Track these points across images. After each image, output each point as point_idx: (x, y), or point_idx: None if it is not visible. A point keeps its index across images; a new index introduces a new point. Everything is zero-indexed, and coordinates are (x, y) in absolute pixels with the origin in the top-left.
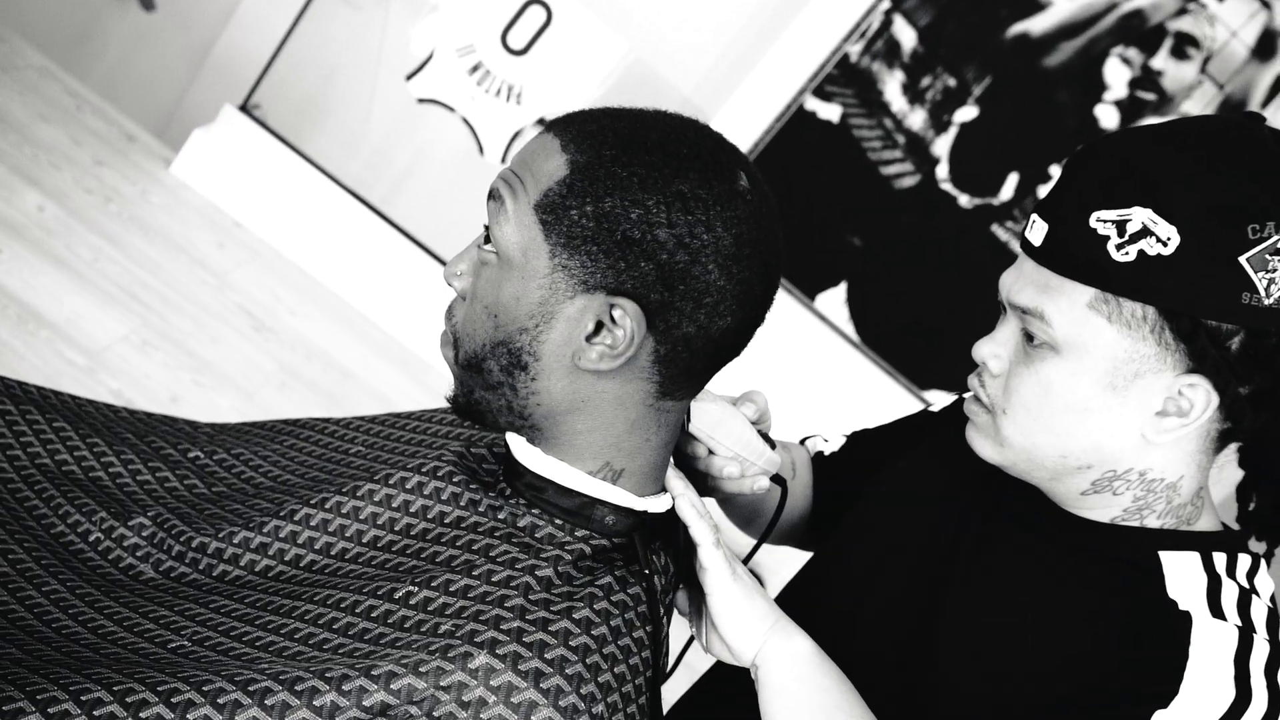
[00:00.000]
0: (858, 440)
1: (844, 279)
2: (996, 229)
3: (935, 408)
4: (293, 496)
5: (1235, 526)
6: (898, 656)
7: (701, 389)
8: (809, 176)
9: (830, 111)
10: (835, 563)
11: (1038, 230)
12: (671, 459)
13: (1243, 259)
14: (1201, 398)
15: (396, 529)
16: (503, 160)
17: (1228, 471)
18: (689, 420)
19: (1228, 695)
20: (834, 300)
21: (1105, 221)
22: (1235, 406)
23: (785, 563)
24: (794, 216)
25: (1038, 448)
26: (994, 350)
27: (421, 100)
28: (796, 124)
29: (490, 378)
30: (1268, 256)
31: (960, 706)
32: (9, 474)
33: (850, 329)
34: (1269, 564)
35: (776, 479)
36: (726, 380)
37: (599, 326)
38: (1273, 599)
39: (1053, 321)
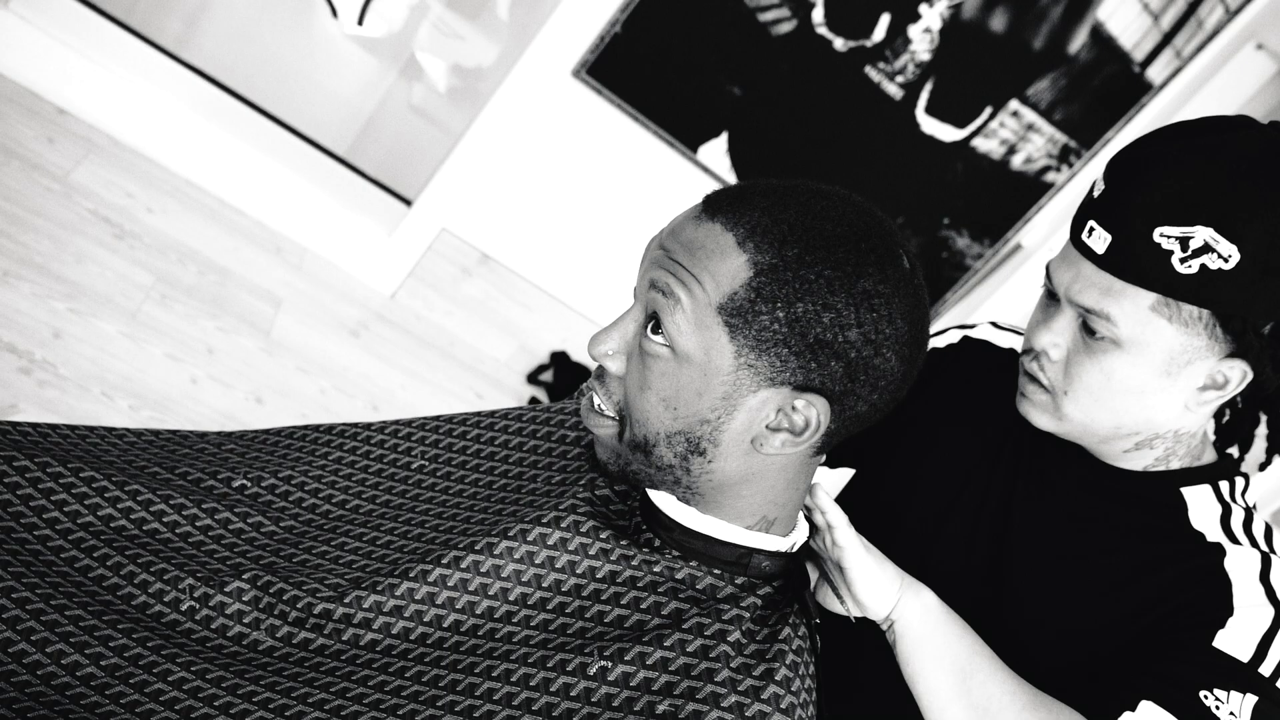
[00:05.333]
0: None
1: (725, 129)
2: (870, 70)
3: (939, 344)
4: (378, 531)
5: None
6: (972, 595)
7: None
8: (687, 27)
9: None
10: (900, 511)
11: (1099, 239)
12: None
13: None
14: (1238, 374)
15: (545, 585)
16: (359, 22)
17: None
18: None
19: (1268, 613)
20: (716, 151)
21: (1169, 237)
22: (1264, 377)
23: None
24: (673, 69)
25: (1096, 422)
26: (1053, 340)
27: None
28: None
29: (661, 460)
30: None
31: (1035, 640)
32: (56, 540)
33: (733, 178)
34: (1243, 475)
35: None
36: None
37: (778, 410)
38: (1255, 506)
39: (1118, 322)
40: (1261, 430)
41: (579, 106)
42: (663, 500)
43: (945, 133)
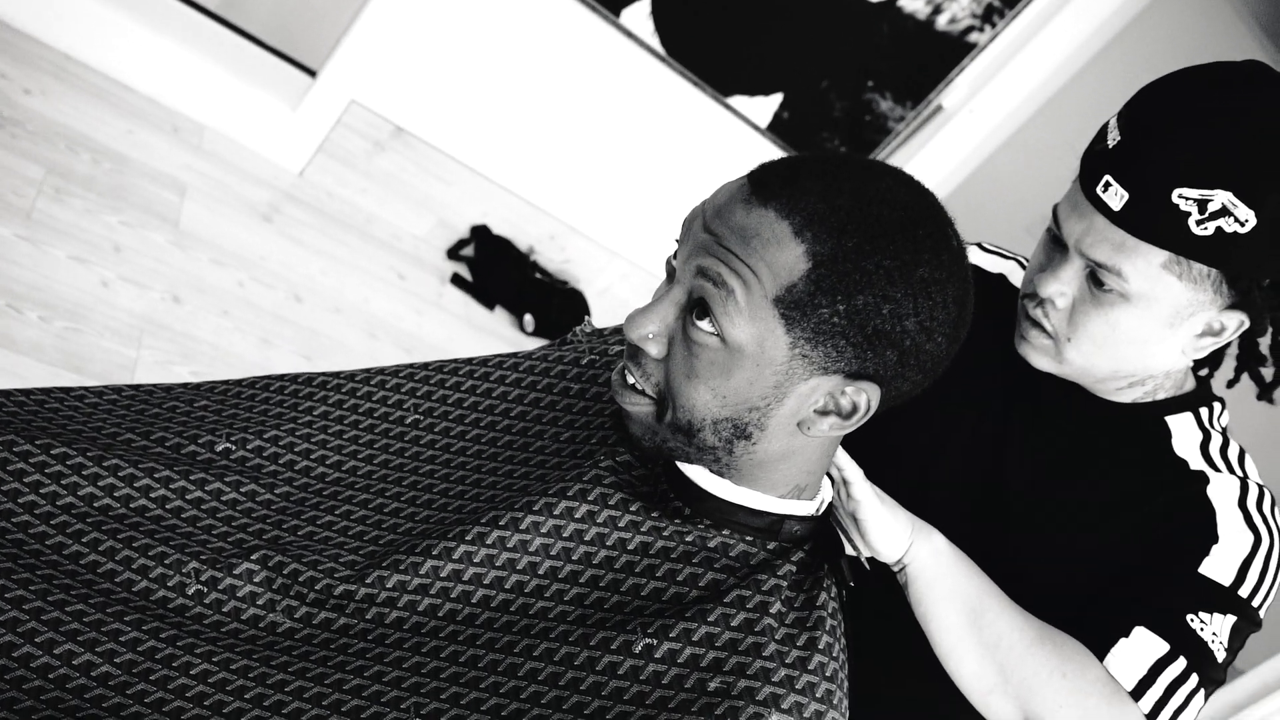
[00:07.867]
0: None
1: None
2: None
3: None
4: (383, 496)
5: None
6: (970, 526)
7: None
8: None
9: None
10: (896, 443)
11: (1115, 195)
12: None
13: None
14: (1234, 323)
15: (575, 558)
16: None
17: None
18: None
19: (1247, 538)
20: (639, 14)
21: (1188, 199)
22: (1259, 324)
23: None
24: None
25: (1095, 367)
26: (1060, 289)
27: None
28: None
29: (704, 443)
30: None
31: (1031, 567)
32: (38, 526)
33: (656, 42)
34: (1219, 399)
35: None
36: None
37: (827, 394)
38: (1229, 429)
39: (1129, 278)
40: (1233, 351)
41: None
42: (695, 473)
43: None
